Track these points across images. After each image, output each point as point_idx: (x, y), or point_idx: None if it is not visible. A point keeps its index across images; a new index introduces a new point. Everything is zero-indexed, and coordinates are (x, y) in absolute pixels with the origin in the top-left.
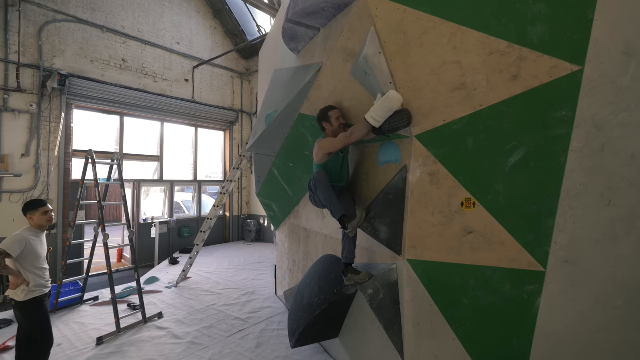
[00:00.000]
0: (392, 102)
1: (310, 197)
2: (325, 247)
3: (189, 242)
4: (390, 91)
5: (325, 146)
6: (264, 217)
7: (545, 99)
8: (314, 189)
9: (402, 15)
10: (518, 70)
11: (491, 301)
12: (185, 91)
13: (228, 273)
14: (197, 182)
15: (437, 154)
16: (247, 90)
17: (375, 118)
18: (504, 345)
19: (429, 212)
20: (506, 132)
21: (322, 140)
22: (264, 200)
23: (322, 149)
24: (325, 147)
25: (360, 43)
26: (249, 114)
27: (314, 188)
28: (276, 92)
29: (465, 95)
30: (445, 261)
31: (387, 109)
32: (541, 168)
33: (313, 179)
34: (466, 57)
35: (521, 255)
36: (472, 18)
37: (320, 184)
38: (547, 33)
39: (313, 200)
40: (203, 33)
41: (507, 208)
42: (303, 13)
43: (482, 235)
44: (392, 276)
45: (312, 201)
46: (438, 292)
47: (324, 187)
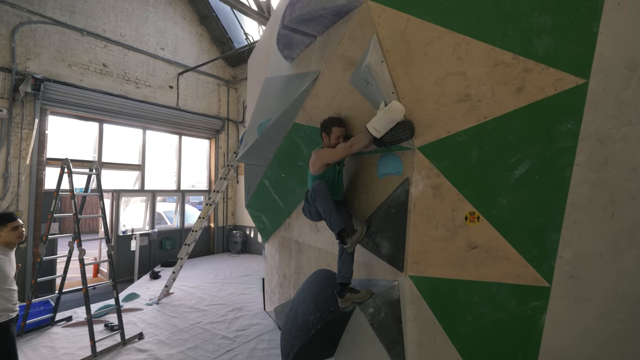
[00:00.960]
0: (394, 112)
1: (304, 209)
2: (319, 261)
3: (171, 254)
4: (393, 102)
5: (324, 156)
6: (250, 228)
7: (551, 111)
8: (311, 200)
9: (406, 24)
10: (523, 82)
11: (496, 318)
12: (170, 98)
13: (213, 287)
14: (180, 192)
15: (441, 167)
16: (234, 98)
17: (377, 128)
18: None
19: (432, 226)
20: (511, 144)
21: (321, 151)
22: (253, 212)
23: (320, 159)
24: (324, 157)
25: (361, 51)
26: (236, 122)
27: (311, 199)
28: (268, 100)
29: (470, 106)
30: (449, 277)
31: (389, 119)
32: (546, 181)
33: (312, 189)
34: (471, 68)
35: (526, 270)
36: (478, 28)
37: (320, 195)
38: (553, 45)
39: (307, 212)
40: (189, 39)
41: (512, 222)
42: (300, 19)
43: (487, 250)
44: (394, 293)
45: (306, 213)
46: (441, 310)
47: (324, 198)
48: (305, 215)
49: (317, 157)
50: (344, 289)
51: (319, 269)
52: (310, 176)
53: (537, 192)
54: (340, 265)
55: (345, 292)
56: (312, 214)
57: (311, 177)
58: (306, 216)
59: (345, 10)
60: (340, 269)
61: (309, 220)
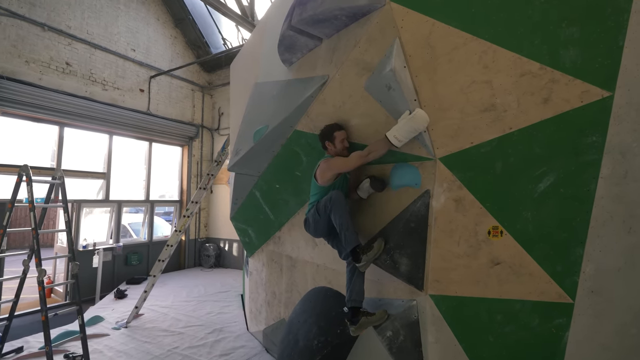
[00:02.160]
0: (419, 122)
1: (307, 222)
2: (317, 278)
3: (137, 270)
4: (418, 110)
5: (338, 165)
6: (225, 241)
7: (576, 123)
8: (323, 212)
9: (431, 28)
10: (549, 93)
11: (519, 338)
12: (140, 102)
13: (188, 306)
14: (149, 202)
15: (463, 179)
16: (209, 104)
17: (398, 137)
18: None
19: (454, 241)
20: (536, 156)
21: (333, 160)
22: (239, 225)
23: (332, 169)
24: (337, 166)
25: (379, 56)
26: (211, 129)
27: (323, 210)
28: (262, 106)
29: (495, 116)
30: (471, 295)
31: (413, 129)
32: (571, 195)
33: (328, 199)
34: (497, 76)
35: (550, 286)
36: (505, 37)
37: (339, 207)
38: (580, 57)
39: (313, 225)
40: (162, 42)
41: (536, 237)
42: (311, 20)
43: (510, 266)
44: (413, 314)
45: (310, 226)
46: (463, 330)
47: (342, 210)
48: (306, 228)
49: (329, 166)
50: (357, 313)
51: (317, 286)
52: (318, 187)
53: (561, 205)
54: (351, 287)
55: (359, 316)
56: (318, 228)
57: (319, 188)
58: (308, 229)
59: (364, 11)
60: (350, 291)
61: (305, 233)
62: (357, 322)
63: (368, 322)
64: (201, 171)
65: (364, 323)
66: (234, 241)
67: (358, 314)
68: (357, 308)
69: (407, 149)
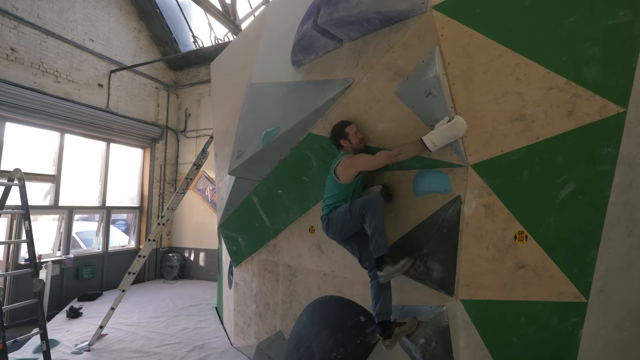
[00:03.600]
0: (459, 129)
1: (330, 222)
2: (325, 287)
3: (90, 285)
4: (459, 117)
5: (363, 163)
6: (190, 250)
7: (595, 136)
8: (356, 213)
9: (469, 39)
10: (573, 106)
11: (540, 338)
12: (98, 98)
13: (158, 323)
14: (105, 208)
15: (493, 185)
16: (174, 104)
17: (435, 143)
18: None
19: (484, 246)
20: (559, 165)
21: (357, 156)
22: (228, 233)
23: (357, 166)
24: (361, 163)
25: (414, 62)
26: (176, 131)
27: (358, 211)
28: (264, 108)
29: (524, 126)
30: (498, 299)
31: (452, 135)
32: (588, 201)
33: (367, 201)
34: (528, 89)
35: (567, 287)
36: (536, 51)
37: (378, 211)
38: (600, 75)
39: (340, 226)
40: (125, 34)
41: (557, 241)
42: (342, 21)
43: (533, 269)
44: (443, 320)
45: (330, 227)
46: (490, 333)
47: (380, 214)
48: (327, 228)
49: (353, 162)
50: (389, 326)
51: (324, 296)
52: (339, 186)
53: (580, 211)
54: (381, 300)
55: (392, 328)
56: (345, 229)
57: (340, 186)
58: (328, 230)
59: (402, 16)
60: (381, 305)
61: (307, 240)
62: (391, 335)
63: (401, 332)
64: (165, 175)
65: (398, 334)
66: (200, 250)
67: (390, 326)
68: (387, 321)
69: (437, 156)
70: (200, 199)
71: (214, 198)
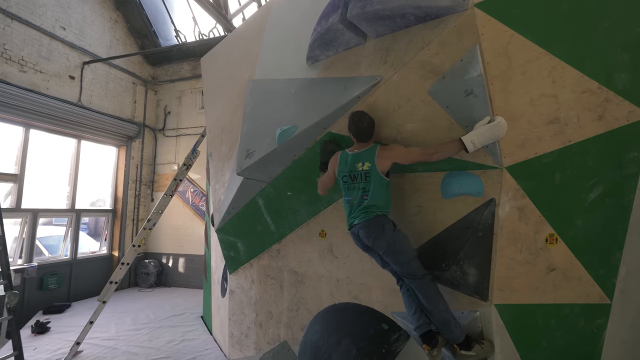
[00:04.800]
0: (501, 130)
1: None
2: (337, 294)
3: (56, 296)
4: (501, 118)
5: (398, 154)
6: (168, 256)
7: (623, 140)
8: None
9: (509, 39)
10: (603, 111)
11: (567, 340)
12: (70, 91)
13: (140, 336)
14: (74, 211)
15: (526, 188)
16: (153, 101)
17: (475, 143)
18: None
19: (517, 249)
20: (589, 168)
21: (394, 147)
22: (226, 238)
23: (393, 157)
24: (397, 154)
25: (451, 60)
26: (154, 129)
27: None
28: (273, 105)
29: (558, 129)
30: (529, 302)
31: (494, 136)
32: (615, 204)
33: (420, 281)
34: (562, 92)
35: (594, 289)
36: (572, 55)
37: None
38: (629, 81)
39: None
40: (100, 24)
41: (585, 243)
42: (375, 15)
43: (563, 272)
44: (477, 326)
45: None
46: (521, 338)
47: (440, 296)
48: (373, 234)
49: (391, 153)
50: (432, 335)
51: (338, 303)
52: (384, 182)
53: (606, 214)
54: (426, 310)
55: (436, 337)
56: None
57: (384, 183)
58: (376, 238)
59: (441, 13)
60: (429, 314)
61: (317, 245)
62: (437, 344)
63: (444, 341)
64: (141, 176)
65: (442, 342)
66: (179, 256)
67: (433, 335)
68: (429, 331)
69: (470, 157)
70: (180, 201)
71: (195, 200)
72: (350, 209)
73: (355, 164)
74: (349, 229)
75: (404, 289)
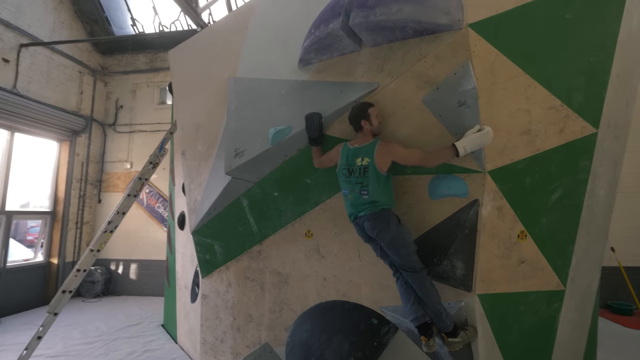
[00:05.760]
0: (488, 138)
1: (387, 224)
2: (324, 293)
3: None
4: (489, 128)
5: (397, 153)
6: (118, 262)
7: (577, 150)
8: (398, 252)
9: (495, 58)
10: (564, 125)
11: (533, 323)
12: (3, 76)
13: (94, 349)
14: (4, 214)
15: (503, 190)
16: (102, 93)
17: (466, 149)
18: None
19: (496, 244)
20: (552, 174)
21: (394, 145)
22: (202, 240)
23: (393, 154)
24: (396, 153)
25: (445, 73)
26: (103, 124)
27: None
28: (263, 105)
29: (529, 140)
30: (504, 291)
31: (482, 143)
32: (570, 205)
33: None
34: (534, 107)
35: (552, 278)
36: (542, 75)
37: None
38: (583, 100)
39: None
40: (41, 3)
41: (547, 238)
42: (377, 26)
43: (530, 264)
44: (462, 314)
45: (385, 228)
46: (497, 323)
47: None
48: (378, 227)
49: (391, 150)
50: (429, 326)
51: (325, 301)
52: (383, 176)
53: (564, 213)
54: (422, 302)
55: (431, 328)
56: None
57: (383, 179)
58: (380, 231)
59: (438, 29)
60: (424, 306)
61: (303, 246)
62: (433, 334)
63: (466, 337)
64: (87, 175)
65: (436, 332)
66: (132, 261)
67: (429, 327)
68: (426, 322)
69: (457, 162)
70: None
71: (151, 202)
72: (349, 201)
73: (354, 159)
74: (352, 220)
75: (401, 281)
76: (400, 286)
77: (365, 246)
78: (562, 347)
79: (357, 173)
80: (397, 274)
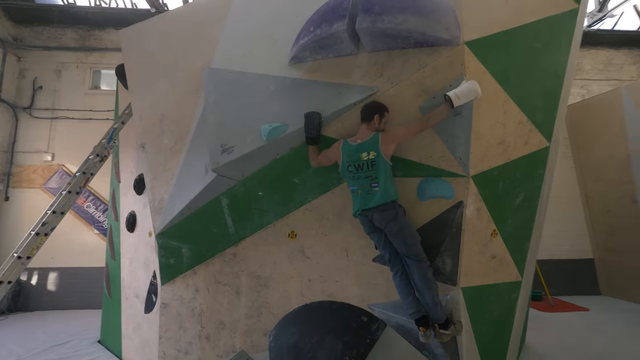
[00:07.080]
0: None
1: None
2: (309, 294)
3: None
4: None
5: (402, 134)
6: (31, 271)
7: (535, 161)
8: (402, 241)
9: (482, 75)
10: (528, 138)
11: (500, 312)
12: None
13: None
14: None
15: (482, 193)
16: (14, 69)
17: (459, 96)
18: (501, 347)
19: (475, 242)
20: (517, 180)
21: (395, 130)
22: (169, 242)
23: (397, 137)
24: (401, 134)
25: (441, 83)
26: (14, 106)
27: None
28: (249, 100)
29: (503, 149)
30: (480, 284)
31: (472, 90)
32: (528, 207)
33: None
34: (508, 121)
35: (514, 270)
36: (515, 94)
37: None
38: (541, 118)
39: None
40: None
41: (511, 236)
42: (383, 33)
43: (499, 259)
44: (449, 307)
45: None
46: (474, 313)
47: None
48: (385, 217)
49: (395, 135)
50: (426, 319)
51: (310, 302)
52: (389, 166)
53: (524, 214)
54: (420, 298)
55: (450, 324)
56: None
57: (390, 167)
58: (388, 221)
59: (438, 43)
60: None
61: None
62: (428, 326)
63: (431, 322)
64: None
65: (430, 323)
66: (51, 270)
67: (426, 319)
68: (424, 315)
69: (446, 166)
70: None
71: (78, 200)
72: (359, 196)
73: (359, 154)
74: (357, 213)
75: (400, 275)
76: (399, 280)
77: (354, 245)
78: (515, 331)
79: (366, 167)
80: (395, 268)
